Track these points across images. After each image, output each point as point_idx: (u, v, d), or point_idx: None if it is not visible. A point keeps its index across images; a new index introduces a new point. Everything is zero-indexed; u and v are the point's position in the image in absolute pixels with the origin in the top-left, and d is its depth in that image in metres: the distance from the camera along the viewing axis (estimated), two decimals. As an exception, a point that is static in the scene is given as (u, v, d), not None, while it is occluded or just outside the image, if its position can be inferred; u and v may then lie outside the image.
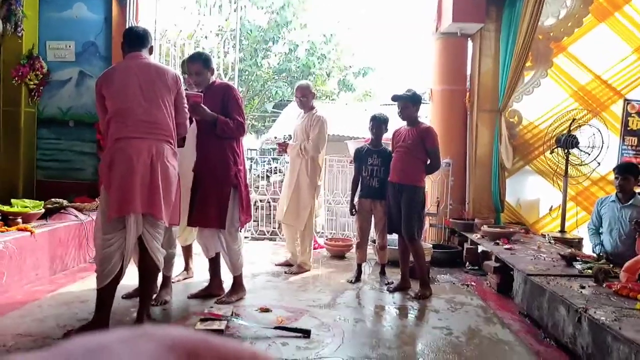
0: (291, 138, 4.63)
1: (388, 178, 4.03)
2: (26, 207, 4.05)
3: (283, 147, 4.52)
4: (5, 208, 3.93)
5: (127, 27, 5.41)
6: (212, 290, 3.58)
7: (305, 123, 4.42)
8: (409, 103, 3.91)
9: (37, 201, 4.26)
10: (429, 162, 3.92)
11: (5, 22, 5.04)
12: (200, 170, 3.39)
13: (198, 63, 3.38)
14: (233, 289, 3.53)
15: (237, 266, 3.51)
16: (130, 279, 3.22)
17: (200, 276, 4.01)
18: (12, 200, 4.13)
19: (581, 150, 5.22)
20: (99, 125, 3.30)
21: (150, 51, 2.99)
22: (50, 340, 2.68)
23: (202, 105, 3.22)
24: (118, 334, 0.35)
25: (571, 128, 5.16)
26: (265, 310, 3.31)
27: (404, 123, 4.03)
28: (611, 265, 3.50)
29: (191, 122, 3.29)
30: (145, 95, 2.77)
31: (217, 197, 3.33)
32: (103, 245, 2.72)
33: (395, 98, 3.96)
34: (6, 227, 3.73)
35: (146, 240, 2.80)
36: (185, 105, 2.99)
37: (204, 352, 0.36)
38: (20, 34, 5.24)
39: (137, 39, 2.92)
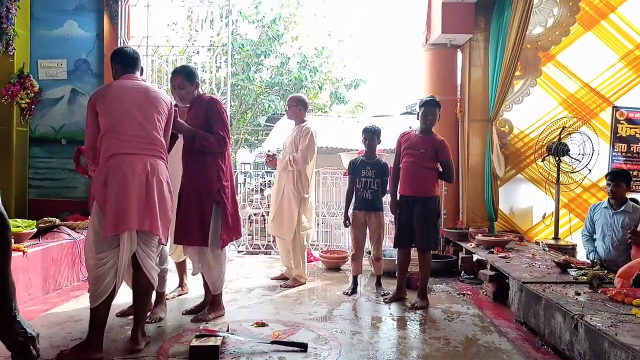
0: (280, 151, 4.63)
1: (398, 191, 3.97)
2: (18, 226, 4.02)
3: (271, 159, 4.50)
4: (-3, 228, 3.89)
5: (118, 44, 5.44)
6: (207, 306, 3.54)
7: (294, 135, 4.44)
8: (437, 111, 3.90)
9: (30, 220, 4.22)
10: (441, 171, 3.92)
11: (-4, 41, 5.06)
12: (184, 186, 3.35)
13: (180, 76, 3.36)
14: (211, 307, 3.46)
15: (217, 285, 3.44)
16: (125, 297, 3.20)
17: (195, 292, 3.98)
18: (4, 220, 4.09)
19: (572, 158, 5.27)
20: (80, 148, 3.30)
21: (141, 72, 3.03)
22: (43, 360, 2.64)
23: (178, 119, 3.20)
24: None
25: (561, 136, 5.22)
26: (261, 324, 3.29)
27: (409, 130, 4.04)
28: (605, 271, 3.52)
29: (177, 137, 3.28)
30: (141, 112, 2.79)
31: (199, 214, 3.26)
32: (96, 264, 2.69)
33: (433, 103, 3.89)
34: (-2, 247, 3.69)
35: (140, 258, 2.79)
36: (169, 132, 3.02)
37: None
38: (11, 53, 5.25)
39: (130, 61, 2.96)
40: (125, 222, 2.66)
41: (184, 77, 3.36)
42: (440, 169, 3.94)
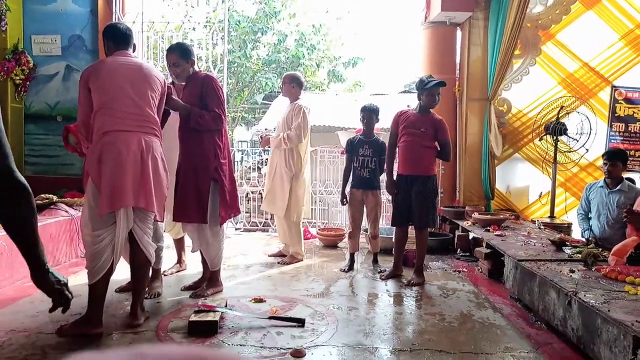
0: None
1: (396, 170, 3.98)
2: (15, 203, 4.01)
3: (264, 139, 4.51)
4: (-6, 204, 3.88)
5: (113, 20, 5.36)
6: (205, 282, 3.57)
7: (287, 114, 4.42)
8: (439, 91, 3.90)
9: (27, 197, 4.21)
10: (439, 150, 3.92)
11: (-12, 16, 4.97)
12: (182, 164, 3.35)
13: (175, 54, 3.32)
14: (209, 283, 3.50)
15: (215, 262, 3.47)
16: (124, 273, 3.22)
17: (194, 268, 4.01)
18: (1, 197, 4.08)
19: (569, 137, 5.27)
20: (68, 127, 3.27)
21: (134, 49, 3.00)
22: (43, 335, 2.67)
23: (173, 97, 3.18)
24: (116, 355, 0.35)
25: (559, 115, 5.21)
26: (259, 300, 3.33)
27: (407, 109, 4.03)
28: (600, 249, 3.55)
29: (169, 113, 3.26)
30: (134, 89, 2.77)
31: (196, 192, 3.26)
32: (93, 241, 2.70)
33: (442, 83, 3.89)
34: (-4, 224, 3.69)
35: (137, 235, 2.80)
36: (162, 109, 3.00)
37: None
38: (4, 28, 5.17)
39: (123, 38, 2.92)
40: (120, 199, 2.66)
41: (179, 54, 3.32)
42: (438, 148, 3.94)
